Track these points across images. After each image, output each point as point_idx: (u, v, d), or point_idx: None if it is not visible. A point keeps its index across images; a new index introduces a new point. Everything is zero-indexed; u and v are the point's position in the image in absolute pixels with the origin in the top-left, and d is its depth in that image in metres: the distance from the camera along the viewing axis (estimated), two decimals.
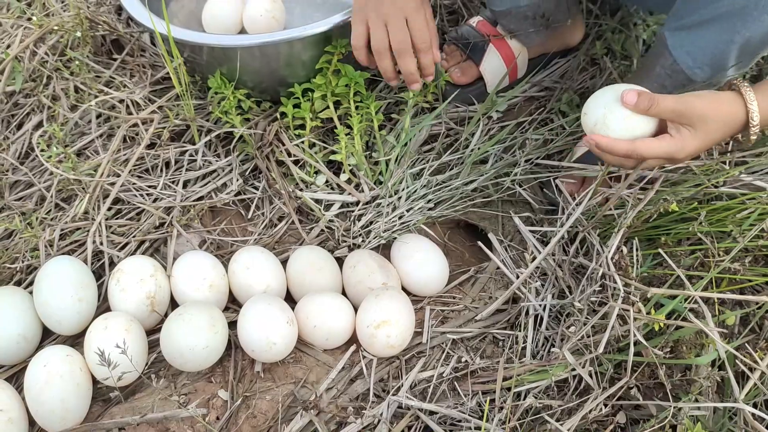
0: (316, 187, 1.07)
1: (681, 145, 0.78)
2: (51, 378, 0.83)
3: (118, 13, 1.35)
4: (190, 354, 0.85)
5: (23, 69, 1.19)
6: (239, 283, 0.95)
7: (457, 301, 0.98)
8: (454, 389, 0.87)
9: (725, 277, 0.84)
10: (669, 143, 0.78)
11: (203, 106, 1.16)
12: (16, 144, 1.15)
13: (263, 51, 1.04)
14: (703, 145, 0.79)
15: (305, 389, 0.87)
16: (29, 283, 0.98)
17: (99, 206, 1.02)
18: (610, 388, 0.79)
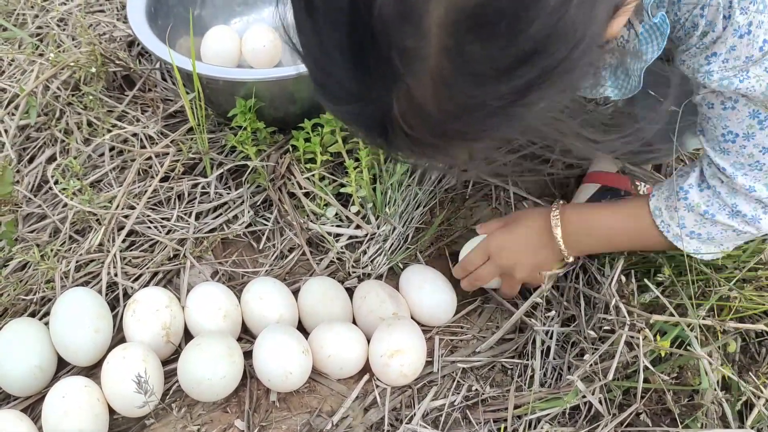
0: (326, 219, 1.10)
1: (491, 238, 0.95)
2: (70, 409, 0.84)
3: (129, 49, 1.38)
4: (207, 384, 0.86)
5: (36, 103, 1.22)
6: (252, 314, 0.97)
7: (465, 331, 1.00)
8: (465, 417, 0.89)
9: (726, 305, 0.87)
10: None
11: (215, 139, 1.19)
12: (29, 177, 1.17)
13: (299, 80, 1.08)
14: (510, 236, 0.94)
15: (320, 418, 0.89)
16: (44, 315, 0.99)
17: (114, 238, 1.04)
18: (620, 415, 0.81)
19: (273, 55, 1.30)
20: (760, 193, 0.75)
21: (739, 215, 0.78)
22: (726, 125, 0.72)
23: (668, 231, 0.85)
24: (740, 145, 0.73)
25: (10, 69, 1.33)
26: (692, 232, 0.83)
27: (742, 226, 0.79)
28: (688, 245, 0.84)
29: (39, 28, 1.43)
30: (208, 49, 1.28)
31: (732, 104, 0.70)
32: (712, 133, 0.75)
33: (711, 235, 0.82)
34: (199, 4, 1.34)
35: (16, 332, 0.92)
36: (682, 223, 0.83)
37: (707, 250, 0.84)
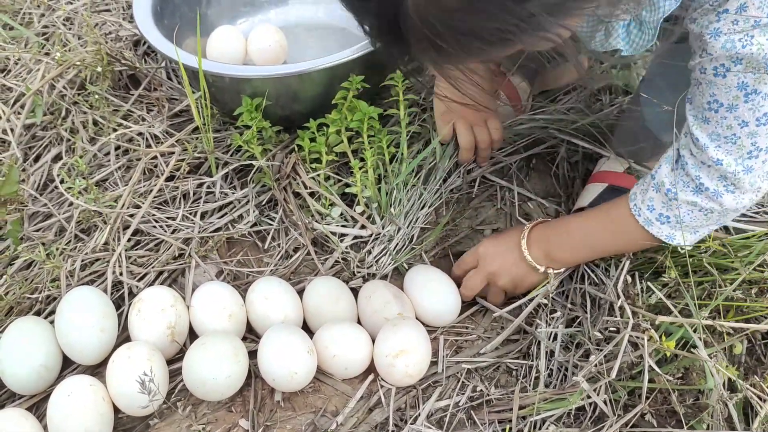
0: (331, 219, 1.10)
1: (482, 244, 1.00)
2: (75, 408, 0.84)
3: (135, 48, 1.39)
4: (212, 383, 0.86)
5: (42, 102, 1.22)
6: (257, 313, 0.97)
7: (470, 331, 1.00)
8: (470, 418, 0.89)
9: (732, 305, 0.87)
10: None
11: (220, 138, 1.19)
12: (35, 176, 1.17)
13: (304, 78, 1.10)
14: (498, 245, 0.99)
15: (325, 418, 0.89)
16: (49, 313, 0.99)
17: (119, 237, 1.04)
18: (625, 415, 0.81)
19: (278, 54, 1.30)
20: (726, 167, 0.75)
21: (702, 190, 0.79)
22: (713, 93, 0.72)
23: (639, 215, 0.85)
24: (722, 116, 0.73)
25: (16, 68, 1.33)
26: (661, 215, 0.83)
27: (706, 203, 0.79)
28: (659, 231, 0.84)
29: (45, 27, 1.43)
30: (213, 49, 1.28)
31: (724, 71, 0.70)
32: (699, 99, 0.75)
33: (680, 218, 0.82)
34: (204, 4, 1.34)
35: (22, 331, 0.92)
36: (651, 205, 0.84)
37: (682, 237, 0.84)
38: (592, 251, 0.95)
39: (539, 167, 1.20)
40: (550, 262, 0.95)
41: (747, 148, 0.74)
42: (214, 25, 1.34)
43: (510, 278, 0.97)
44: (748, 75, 0.69)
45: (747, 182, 0.76)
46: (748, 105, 0.71)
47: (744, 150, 0.74)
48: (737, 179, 0.76)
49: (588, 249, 0.94)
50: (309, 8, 1.43)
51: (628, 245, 0.92)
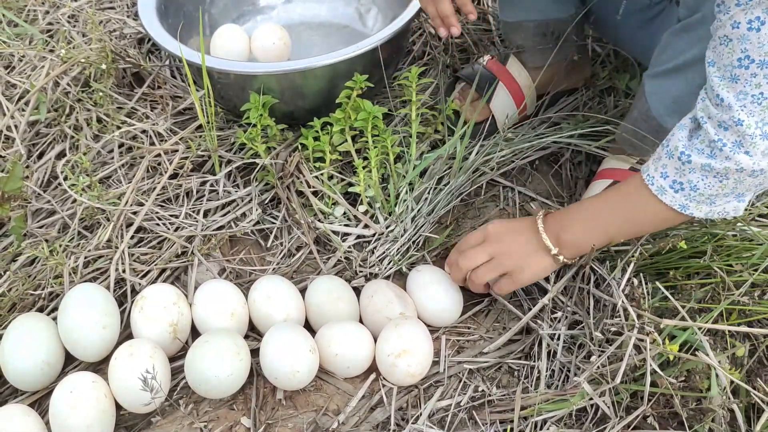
0: (334, 218, 1.10)
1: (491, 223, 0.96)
2: (77, 404, 0.84)
3: (139, 46, 1.39)
4: (215, 381, 0.86)
5: (46, 99, 1.22)
6: (259, 312, 0.97)
7: (472, 332, 1.00)
8: (472, 418, 0.89)
9: (735, 308, 0.87)
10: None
11: (223, 136, 1.19)
12: (39, 172, 1.17)
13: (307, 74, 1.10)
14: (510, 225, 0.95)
15: (327, 417, 0.89)
16: (52, 310, 0.99)
17: (122, 234, 1.05)
18: (626, 417, 0.81)
19: (282, 52, 1.31)
20: (746, 128, 0.74)
21: (718, 150, 0.76)
22: (745, 48, 0.71)
23: (652, 183, 0.83)
24: (752, 73, 0.72)
25: (20, 65, 1.33)
26: (674, 182, 0.81)
27: (720, 163, 0.77)
28: (672, 199, 0.82)
29: (50, 24, 1.44)
30: (217, 47, 1.29)
31: (759, 25, 0.69)
32: (728, 57, 0.73)
33: (693, 185, 0.80)
34: (208, 3, 1.35)
35: (24, 327, 0.92)
36: (664, 172, 0.82)
37: (696, 207, 0.82)
38: (604, 233, 0.91)
39: (542, 167, 1.20)
40: (561, 246, 0.92)
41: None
42: (218, 23, 1.34)
43: (517, 258, 0.93)
44: None
45: (763, 148, 0.75)
46: None
47: (767, 114, 0.73)
48: (753, 143, 0.74)
49: (600, 230, 0.90)
50: (312, 6, 1.43)
51: (641, 222, 0.88)
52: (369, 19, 1.40)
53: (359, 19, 1.41)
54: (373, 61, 1.11)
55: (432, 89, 1.29)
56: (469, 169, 1.11)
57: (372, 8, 1.40)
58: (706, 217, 0.83)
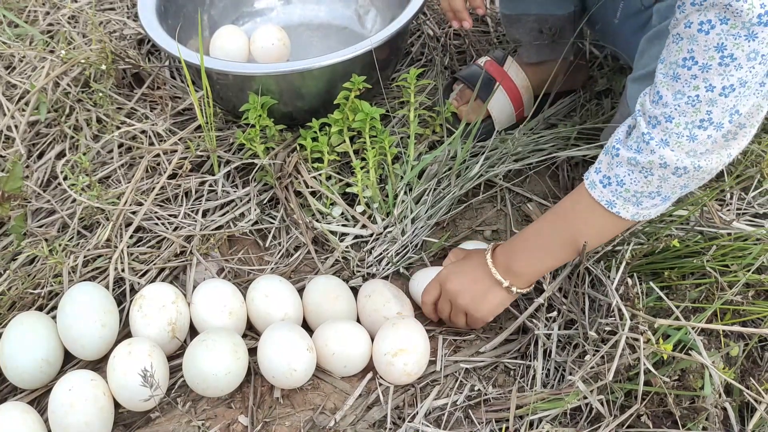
0: (332, 218, 1.10)
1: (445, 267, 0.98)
2: (76, 402, 0.85)
3: (139, 47, 1.40)
4: (212, 379, 0.87)
5: (47, 100, 1.23)
6: (258, 311, 0.97)
7: (469, 331, 1.01)
8: (467, 417, 0.90)
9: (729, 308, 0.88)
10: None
11: (222, 137, 1.20)
12: (39, 172, 1.18)
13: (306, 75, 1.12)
14: (461, 265, 0.96)
15: (324, 415, 0.90)
16: (51, 309, 1.00)
17: (121, 234, 1.05)
18: (621, 416, 0.82)
19: (281, 53, 1.31)
20: (675, 126, 0.75)
21: (645, 143, 0.77)
22: (692, 49, 0.72)
23: (587, 178, 0.84)
24: (693, 74, 0.73)
25: (21, 65, 1.34)
26: (605, 176, 0.82)
27: (646, 156, 0.77)
28: (600, 194, 0.82)
29: (50, 25, 1.44)
30: (216, 48, 1.29)
31: (708, 28, 0.70)
32: (675, 56, 0.74)
33: (620, 179, 0.80)
34: (208, 4, 1.35)
35: (24, 326, 0.93)
36: (598, 167, 0.83)
37: (623, 206, 0.82)
38: (550, 255, 0.90)
39: (539, 168, 1.20)
40: (512, 277, 0.91)
41: (701, 115, 0.74)
42: (217, 24, 1.35)
43: (471, 296, 0.93)
44: (728, 38, 0.69)
45: (687, 148, 0.76)
46: (721, 69, 0.71)
47: (697, 116, 0.74)
48: (679, 143, 0.75)
49: (545, 253, 0.90)
50: (311, 8, 1.44)
51: (582, 231, 0.87)
52: (368, 20, 1.41)
53: (358, 21, 1.42)
54: (371, 62, 1.12)
55: (430, 90, 1.29)
56: (474, 177, 1.12)
57: (371, 10, 1.40)
58: (633, 219, 0.83)
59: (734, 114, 0.73)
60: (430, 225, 1.09)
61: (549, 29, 1.17)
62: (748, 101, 0.73)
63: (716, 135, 0.75)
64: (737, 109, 0.73)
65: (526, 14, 1.16)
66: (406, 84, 1.11)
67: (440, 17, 1.47)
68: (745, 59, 0.69)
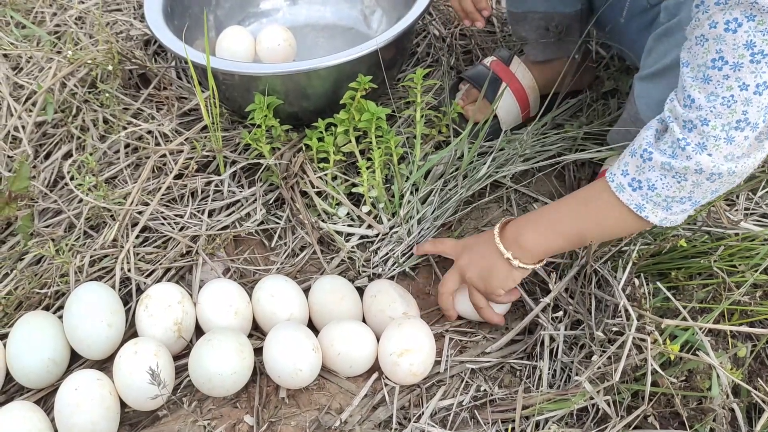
0: (338, 218, 1.10)
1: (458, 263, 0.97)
2: (82, 401, 0.85)
3: (145, 47, 1.40)
4: (218, 379, 0.87)
5: (53, 100, 1.24)
6: (263, 311, 0.97)
7: (475, 331, 1.01)
8: (473, 417, 0.90)
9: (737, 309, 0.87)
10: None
11: (228, 137, 1.20)
12: (45, 172, 1.18)
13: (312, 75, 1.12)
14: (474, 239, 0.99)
15: (329, 416, 0.90)
16: (57, 308, 1.00)
17: (128, 234, 1.05)
18: (627, 417, 0.81)
19: (288, 53, 1.31)
20: (711, 129, 0.74)
21: (681, 149, 0.76)
22: (720, 49, 0.71)
23: (612, 180, 0.82)
24: (725, 74, 0.72)
25: (28, 66, 1.35)
26: (633, 179, 0.81)
27: (680, 162, 0.76)
28: (629, 198, 0.81)
29: (57, 26, 1.45)
30: (223, 49, 1.30)
31: (735, 26, 0.69)
32: (702, 57, 0.73)
33: (651, 184, 0.79)
34: (214, 5, 1.35)
35: (31, 325, 0.93)
36: (625, 170, 0.81)
37: (652, 210, 0.81)
38: (560, 235, 0.89)
39: (545, 168, 1.20)
40: (519, 251, 0.91)
41: (737, 116, 0.73)
42: (223, 25, 1.35)
43: (478, 270, 0.94)
44: (757, 35, 0.68)
45: (726, 151, 0.75)
46: (753, 67, 0.70)
47: (734, 117, 0.73)
48: (717, 146, 0.74)
49: (555, 233, 0.89)
50: (317, 8, 1.44)
51: (600, 225, 0.87)
52: (373, 20, 1.41)
53: (364, 21, 1.42)
54: (377, 62, 1.12)
55: (436, 90, 1.29)
56: (482, 179, 1.12)
57: (377, 10, 1.40)
58: (661, 224, 0.83)
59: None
60: (437, 226, 1.09)
61: (555, 27, 1.16)
62: None
63: (752, 136, 0.74)
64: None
65: (532, 12, 1.16)
66: (412, 84, 1.10)
67: (446, 17, 1.47)
68: None
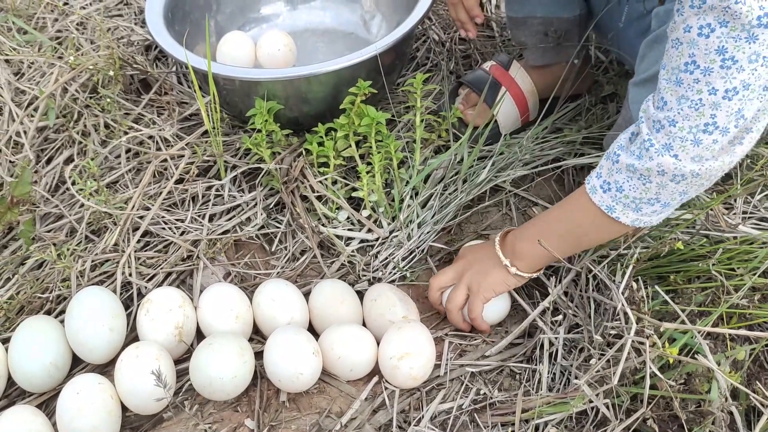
0: (338, 223, 1.11)
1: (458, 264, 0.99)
2: (84, 405, 0.85)
3: (146, 53, 1.41)
4: (219, 383, 0.87)
5: (55, 105, 1.24)
6: (264, 315, 0.98)
7: (474, 335, 1.01)
8: (473, 421, 0.90)
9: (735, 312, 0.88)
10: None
11: (229, 142, 1.21)
12: (47, 177, 1.19)
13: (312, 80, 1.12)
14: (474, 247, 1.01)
15: (329, 419, 0.90)
16: (59, 313, 1.01)
17: (129, 238, 1.06)
18: (626, 420, 0.82)
19: (288, 58, 1.32)
20: (678, 131, 0.75)
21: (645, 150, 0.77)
22: (693, 53, 0.72)
23: (588, 182, 0.85)
24: (695, 78, 0.72)
25: (29, 71, 1.35)
26: (605, 182, 0.83)
27: (644, 163, 0.77)
28: (600, 199, 0.83)
29: (59, 31, 1.46)
30: (223, 54, 1.30)
31: (708, 32, 0.70)
32: (676, 61, 0.74)
33: (619, 185, 0.81)
34: (214, 10, 1.36)
35: (33, 330, 0.94)
36: (599, 172, 0.84)
37: (623, 212, 0.83)
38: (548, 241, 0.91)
39: (544, 172, 1.20)
40: (514, 257, 0.94)
41: (705, 119, 0.73)
42: (224, 30, 1.36)
43: (475, 270, 0.96)
44: (729, 41, 0.69)
45: (693, 153, 0.75)
46: (723, 72, 0.71)
47: (702, 120, 0.74)
48: (683, 147, 0.75)
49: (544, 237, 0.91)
50: (317, 14, 1.45)
51: (584, 231, 0.89)
52: (373, 25, 1.41)
53: (364, 26, 1.42)
54: (376, 67, 1.12)
55: (435, 95, 1.30)
56: (482, 183, 1.12)
57: (376, 15, 1.41)
58: (633, 225, 0.84)
59: (740, 118, 0.73)
60: (437, 230, 1.10)
61: (554, 32, 1.17)
62: (753, 105, 0.72)
63: (723, 140, 0.74)
64: (742, 113, 0.73)
65: (531, 17, 1.17)
66: (412, 89, 1.11)
67: (445, 22, 1.48)
68: (746, 61, 0.69)
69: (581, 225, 0.89)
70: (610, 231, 0.88)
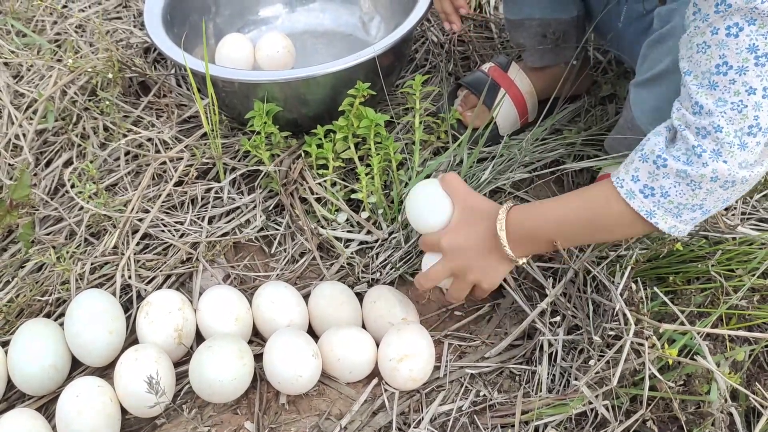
0: (337, 225, 1.11)
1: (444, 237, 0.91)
2: (83, 408, 0.85)
3: (145, 55, 1.41)
4: (218, 385, 0.87)
5: (54, 108, 1.24)
6: (263, 317, 0.98)
7: (474, 337, 1.01)
8: (473, 422, 0.90)
9: (735, 313, 0.88)
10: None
11: (228, 144, 1.21)
12: (46, 180, 1.19)
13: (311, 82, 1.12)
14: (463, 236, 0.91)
15: (329, 421, 0.90)
16: (59, 315, 1.01)
17: (128, 241, 1.06)
18: (626, 421, 0.82)
19: (287, 60, 1.32)
20: (725, 136, 0.73)
21: (696, 156, 0.74)
22: (724, 54, 0.71)
23: (622, 186, 0.80)
24: (730, 79, 0.71)
25: (29, 74, 1.35)
26: (645, 186, 0.78)
27: (696, 170, 0.74)
28: (641, 205, 0.79)
29: (57, 34, 1.46)
30: (222, 56, 1.30)
31: (737, 30, 0.69)
32: (705, 64, 0.73)
33: (664, 191, 0.77)
34: (213, 13, 1.36)
35: (32, 332, 0.94)
36: (636, 175, 0.79)
37: (662, 217, 0.79)
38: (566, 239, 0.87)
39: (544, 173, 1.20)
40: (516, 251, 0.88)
41: (749, 121, 0.72)
42: (223, 33, 1.36)
43: (480, 271, 0.91)
44: (759, 38, 0.68)
45: (740, 158, 0.74)
46: (758, 70, 0.70)
47: (746, 123, 0.72)
48: (731, 152, 0.73)
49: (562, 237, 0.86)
50: (316, 16, 1.45)
51: (605, 228, 0.84)
52: (372, 27, 1.41)
53: (362, 28, 1.42)
54: (375, 69, 1.12)
55: (434, 96, 1.30)
56: (482, 185, 1.12)
57: (375, 17, 1.41)
58: (669, 233, 0.80)
59: None
60: None
61: (552, 33, 1.17)
62: None
63: (763, 141, 0.73)
64: None
65: (530, 19, 1.17)
66: (411, 90, 1.11)
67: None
68: None
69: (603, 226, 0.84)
70: (636, 230, 0.84)
